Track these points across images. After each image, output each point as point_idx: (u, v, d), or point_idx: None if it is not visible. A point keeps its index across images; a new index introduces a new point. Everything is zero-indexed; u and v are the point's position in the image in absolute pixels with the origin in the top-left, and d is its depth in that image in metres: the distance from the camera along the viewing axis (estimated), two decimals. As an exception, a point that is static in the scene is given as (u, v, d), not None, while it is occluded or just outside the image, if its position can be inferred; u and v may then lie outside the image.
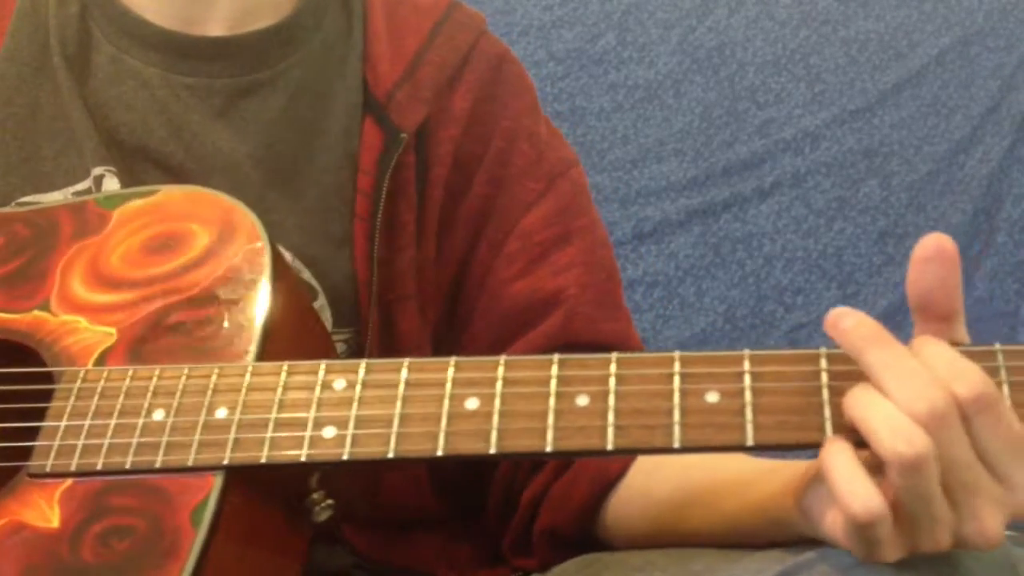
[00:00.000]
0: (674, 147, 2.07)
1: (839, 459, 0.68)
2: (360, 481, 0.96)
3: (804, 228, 2.07)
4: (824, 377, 0.71)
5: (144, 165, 1.00)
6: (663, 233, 2.03)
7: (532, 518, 1.02)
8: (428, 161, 1.03)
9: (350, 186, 1.02)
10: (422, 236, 1.03)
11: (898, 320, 2.00)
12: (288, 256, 0.95)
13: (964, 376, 0.67)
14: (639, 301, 1.99)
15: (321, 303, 1.00)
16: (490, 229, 1.06)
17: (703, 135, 2.09)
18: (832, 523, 0.70)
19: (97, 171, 0.99)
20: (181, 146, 1.00)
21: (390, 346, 1.00)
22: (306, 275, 1.00)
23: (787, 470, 0.80)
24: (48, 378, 0.83)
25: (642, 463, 0.98)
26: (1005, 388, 0.69)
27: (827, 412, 0.70)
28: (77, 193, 0.99)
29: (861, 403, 0.69)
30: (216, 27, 1.03)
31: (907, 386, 0.67)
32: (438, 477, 1.04)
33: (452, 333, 1.06)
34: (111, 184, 0.98)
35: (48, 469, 0.78)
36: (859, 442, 0.69)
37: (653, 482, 0.95)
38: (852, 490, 0.67)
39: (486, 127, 1.07)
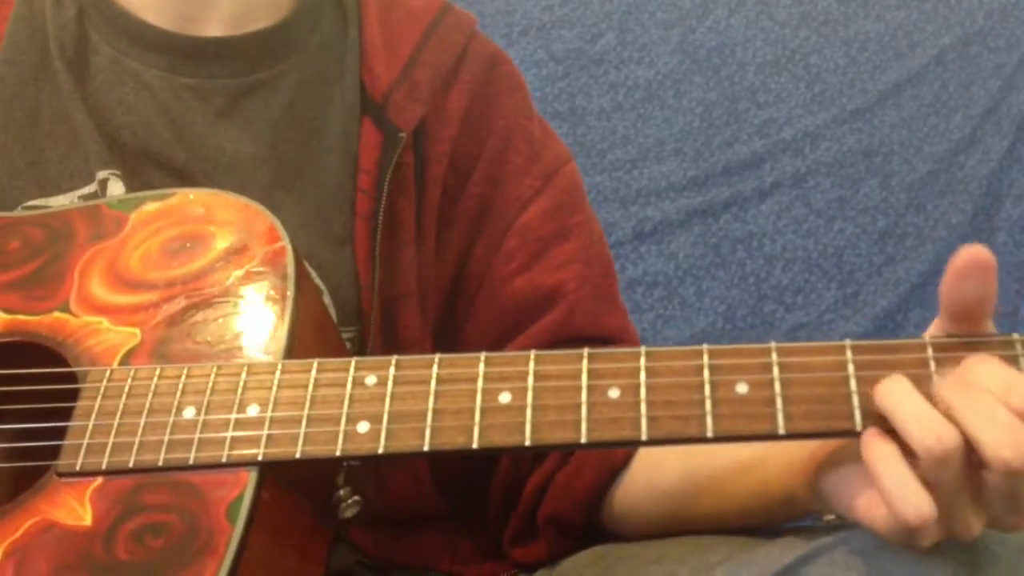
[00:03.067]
0: (674, 147, 2.06)
1: (889, 465, 0.69)
2: (375, 480, 0.96)
3: (804, 228, 2.06)
4: (851, 367, 0.72)
5: (148, 167, 1.00)
6: (663, 233, 2.02)
7: (535, 507, 1.03)
8: (426, 160, 1.04)
9: (351, 185, 1.03)
10: (422, 234, 1.03)
11: (898, 320, 2.00)
12: None
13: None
14: (639, 301, 1.98)
15: (327, 302, 1.00)
16: (487, 227, 1.07)
17: (703, 135, 2.08)
18: (870, 513, 0.71)
19: (101, 174, 0.99)
20: (184, 147, 1.00)
21: (392, 344, 1.01)
22: (312, 275, 1.00)
23: (786, 453, 0.82)
24: (67, 379, 0.83)
25: (644, 454, 0.98)
26: None
27: (855, 401, 0.71)
28: (83, 197, 0.99)
29: (892, 394, 0.70)
30: (215, 28, 1.02)
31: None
32: (440, 475, 1.05)
33: (452, 331, 1.06)
34: (115, 188, 0.98)
35: (79, 467, 0.78)
36: (889, 429, 0.70)
37: (657, 475, 0.96)
38: (905, 497, 0.68)
39: (481, 127, 1.07)
